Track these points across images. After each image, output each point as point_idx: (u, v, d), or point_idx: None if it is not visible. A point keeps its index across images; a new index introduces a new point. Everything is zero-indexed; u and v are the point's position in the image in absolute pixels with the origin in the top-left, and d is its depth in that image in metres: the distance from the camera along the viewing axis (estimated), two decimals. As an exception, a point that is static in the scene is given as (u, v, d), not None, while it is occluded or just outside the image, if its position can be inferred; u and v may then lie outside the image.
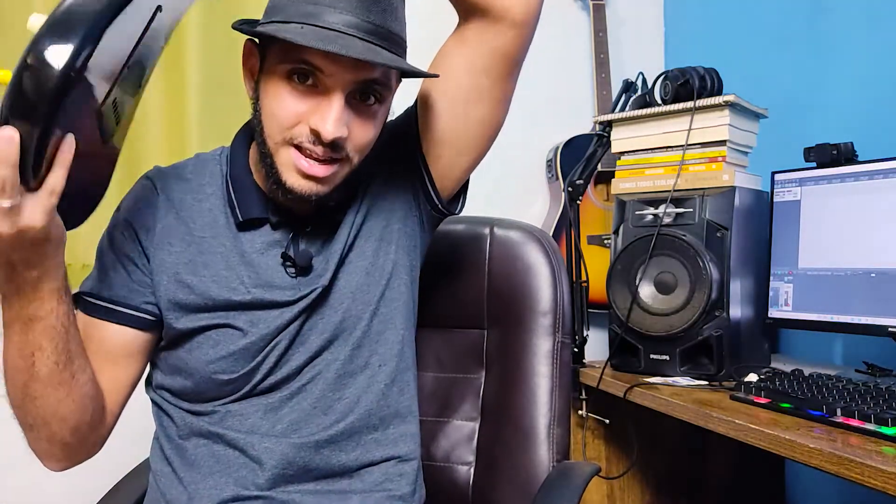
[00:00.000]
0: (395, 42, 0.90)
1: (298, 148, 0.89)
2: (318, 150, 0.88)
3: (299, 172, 0.90)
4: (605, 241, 1.96)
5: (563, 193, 1.81)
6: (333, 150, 0.89)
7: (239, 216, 0.98)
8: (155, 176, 1.02)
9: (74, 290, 0.91)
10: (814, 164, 1.48)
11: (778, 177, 1.53)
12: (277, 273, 0.97)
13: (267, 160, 0.92)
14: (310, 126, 0.88)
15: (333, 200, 0.97)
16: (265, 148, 0.92)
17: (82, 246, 1.63)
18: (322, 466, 0.96)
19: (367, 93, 0.90)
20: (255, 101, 0.94)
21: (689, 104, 1.50)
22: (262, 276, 0.97)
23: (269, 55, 0.91)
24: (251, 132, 0.99)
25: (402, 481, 1.00)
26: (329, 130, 0.86)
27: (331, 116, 0.86)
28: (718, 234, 1.46)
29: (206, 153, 1.07)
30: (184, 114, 1.79)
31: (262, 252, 0.98)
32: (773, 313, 1.51)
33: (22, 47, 0.67)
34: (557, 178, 2.08)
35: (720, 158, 1.48)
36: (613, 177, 1.65)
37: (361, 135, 0.91)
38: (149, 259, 0.97)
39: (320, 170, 0.89)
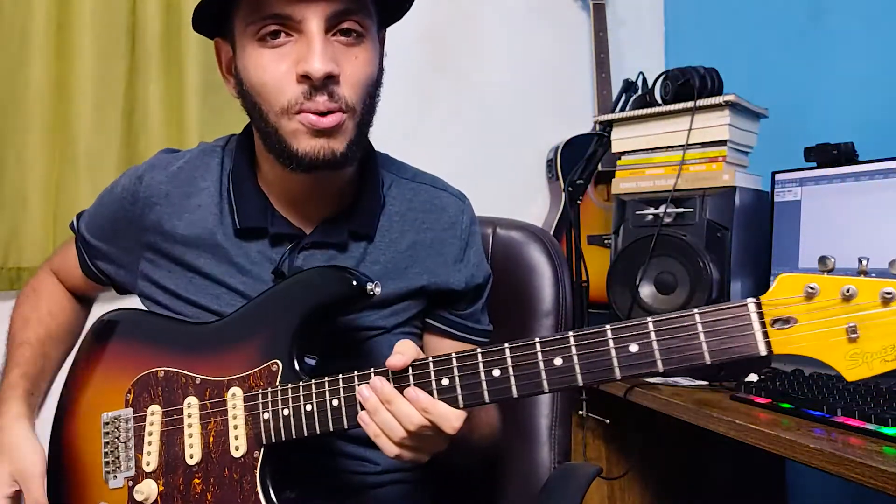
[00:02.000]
0: None
1: (300, 113, 0.85)
2: (319, 100, 0.83)
3: (309, 131, 0.85)
4: (606, 241, 1.96)
5: (563, 193, 1.81)
6: (331, 96, 0.84)
7: (237, 223, 0.95)
8: (147, 167, 1.01)
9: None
10: (814, 164, 1.48)
11: (778, 177, 1.53)
12: (264, 287, 0.93)
13: (273, 139, 0.87)
14: (297, 73, 0.83)
15: (351, 164, 0.92)
16: (268, 126, 0.87)
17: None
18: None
19: (346, 28, 0.85)
20: (241, 87, 0.89)
21: (690, 104, 1.50)
22: (248, 289, 0.94)
23: (237, 31, 0.87)
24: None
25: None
26: (317, 67, 0.81)
27: (314, 53, 0.82)
28: (719, 234, 1.46)
29: (210, 143, 1.04)
30: (184, 114, 1.79)
31: (255, 263, 0.95)
32: (774, 313, 1.51)
33: (21, 47, 0.67)
34: (557, 178, 2.08)
35: (720, 158, 1.48)
36: (613, 177, 1.65)
37: (354, 71, 0.86)
38: (136, 256, 1.00)
39: (328, 120, 0.84)
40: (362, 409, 0.79)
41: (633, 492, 1.80)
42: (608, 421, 1.73)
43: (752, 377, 1.33)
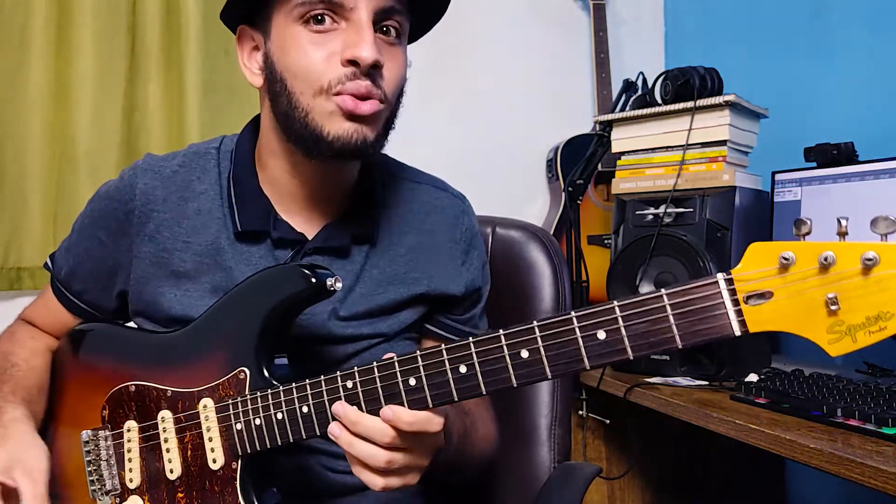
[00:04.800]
0: None
1: (338, 95, 0.83)
2: (362, 84, 0.82)
3: (344, 115, 0.83)
4: (606, 241, 1.96)
5: (563, 193, 1.81)
6: (374, 82, 0.83)
7: (238, 226, 0.92)
8: (139, 172, 0.95)
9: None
10: (814, 164, 1.48)
11: (778, 177, 1.53)
12: None
13: (301, 122, 0.85)
14: (344, 58, 0.82)
15: (375, 157, 0.92)
16: (298, 110, 0.85)
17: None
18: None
19: (387, 25, 0.86)
20: (271, 71, 0.88)
21: (690, 104, 1.50)
22: None
23: (276, 14, 0.86)
24: (257, 128, 0.96)
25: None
26: (366, 53, 0.81)
27: (365, 40, 0.81)
28: (719, 234, 1.46)
29: (201, 144, 1.00)
30: (184, 114, 1.79)
31: (258, 269, 0.91)
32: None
33: (21, 47, 0.67)
34: (557, 178, 2.08)
35: (720, 158, 1.48)
36: (613, 177, 1.65)
37: (393, 69, 0.86)
38: (129, 272, 0.95)
39: (366, 106, 0.83)
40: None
41: (633, 492, 1.80)
42: (608, 421, 1.73)
43: (752, 377, 1.34)
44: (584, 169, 1.70)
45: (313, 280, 0.82)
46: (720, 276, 0.62)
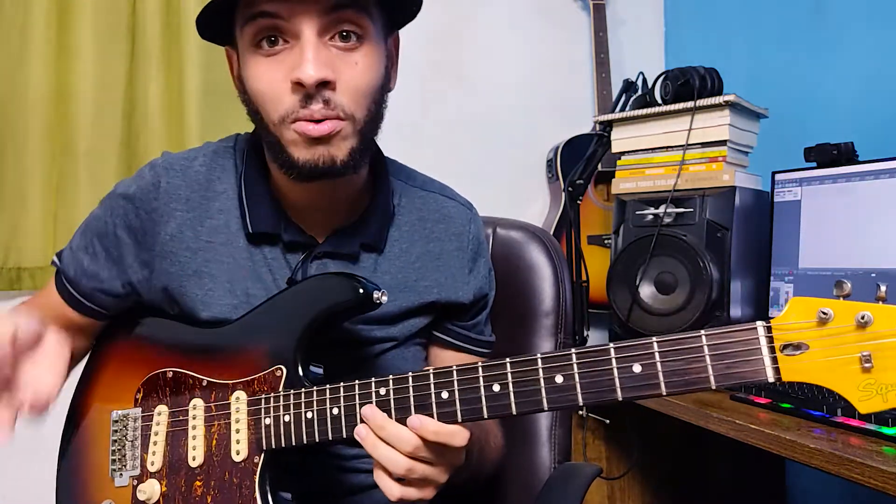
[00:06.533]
0: None
1: (295, 122, 0.83)
2: (314, 108, 0.81)
3: (305, 140, 0.83)
4: (606, 241, 1.96)
5: (563, 193, 1.81)
6: (326, 104, 0.82)
7: (249, 227, 0.93)
8: (161, 171, 0.95)
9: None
10: (814, 164, 1.48)
11: (778, 177, 1.53)
12: None
13: (275, 148, 0.86)
14: (291, 81, 0.81)
15: (354, 171, 0.89)
16: (270, 136, 0.86)
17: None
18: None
19: (344, 30, 0.83)
20: (244, 95, 0.88)
21: (690, 104, 1.50)
22: (265, 296, 0.91)
23: (238, 39, 0.86)
24: None
25: None
26: (309, 73, 0.79)
27: (306, 58, 0.80)
28: (719, 234, 1.46)
29: (219, 143, 1.00)
30: (184, 114, 1.79)
31: (271, 271, 0.93)
32: (774, 313, 1.51)
33: (21, 47, 0.66)
34: (557, 178, 2.08)
35: (720, 158, 1.49)
36: (613, 177, 1.65)
37: (353, 77, 0.83)
38: (150, 270, 0.94)
39: (324, 126, 0.82)
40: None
41: (633, 492, 1.80)
42: (608, 421, 1.73)
43: (752, 377, 1.34)
44: (584, 169, 1.70)
45: (361, 291, 0.84)
46: (760, 325, 0.64)
